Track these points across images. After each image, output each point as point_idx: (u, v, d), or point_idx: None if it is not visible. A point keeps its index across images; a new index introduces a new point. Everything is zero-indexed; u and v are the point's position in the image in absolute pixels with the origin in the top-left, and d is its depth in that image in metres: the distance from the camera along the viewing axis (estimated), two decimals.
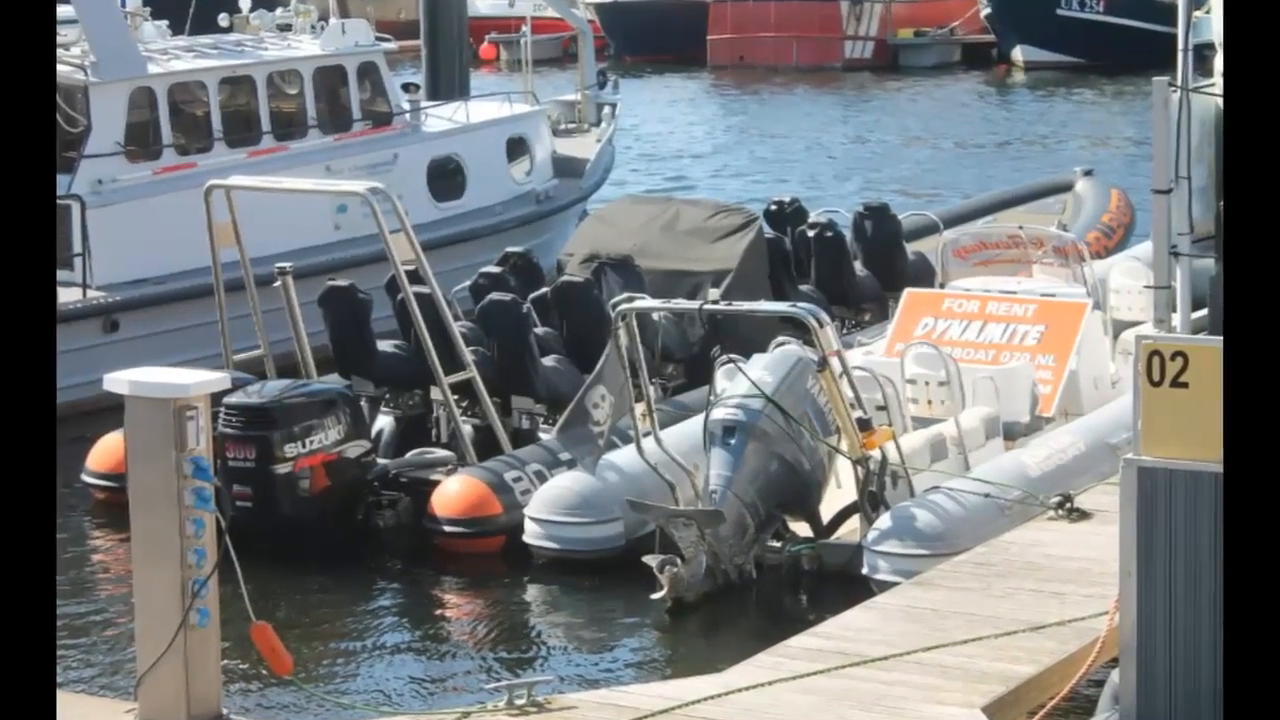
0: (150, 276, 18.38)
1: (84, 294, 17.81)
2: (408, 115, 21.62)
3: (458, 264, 18.37)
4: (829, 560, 12.69)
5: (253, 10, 21.69)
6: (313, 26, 21.52)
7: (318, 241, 19.30)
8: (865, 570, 12.23)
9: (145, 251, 18.43)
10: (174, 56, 19.72)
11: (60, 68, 18.51)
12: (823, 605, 11.94)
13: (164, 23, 20.98)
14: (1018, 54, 50.63)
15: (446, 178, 21.77)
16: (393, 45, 22.34)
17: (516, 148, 23.01)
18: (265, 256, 15.37)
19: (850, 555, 12.49)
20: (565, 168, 23.85)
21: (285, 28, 21.53)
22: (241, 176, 14.38)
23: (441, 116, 22.60)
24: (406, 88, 22.45)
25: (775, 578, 12.71)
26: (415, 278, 14.04)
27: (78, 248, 17.86)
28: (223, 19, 21.72)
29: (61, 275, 17.54)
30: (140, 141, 18.92)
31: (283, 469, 13.10)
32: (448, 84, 29.04)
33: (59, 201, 17.45)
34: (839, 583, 12.35)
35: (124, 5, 20.33)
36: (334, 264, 18.14)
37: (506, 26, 43.84)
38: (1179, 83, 11.05)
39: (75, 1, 18.78)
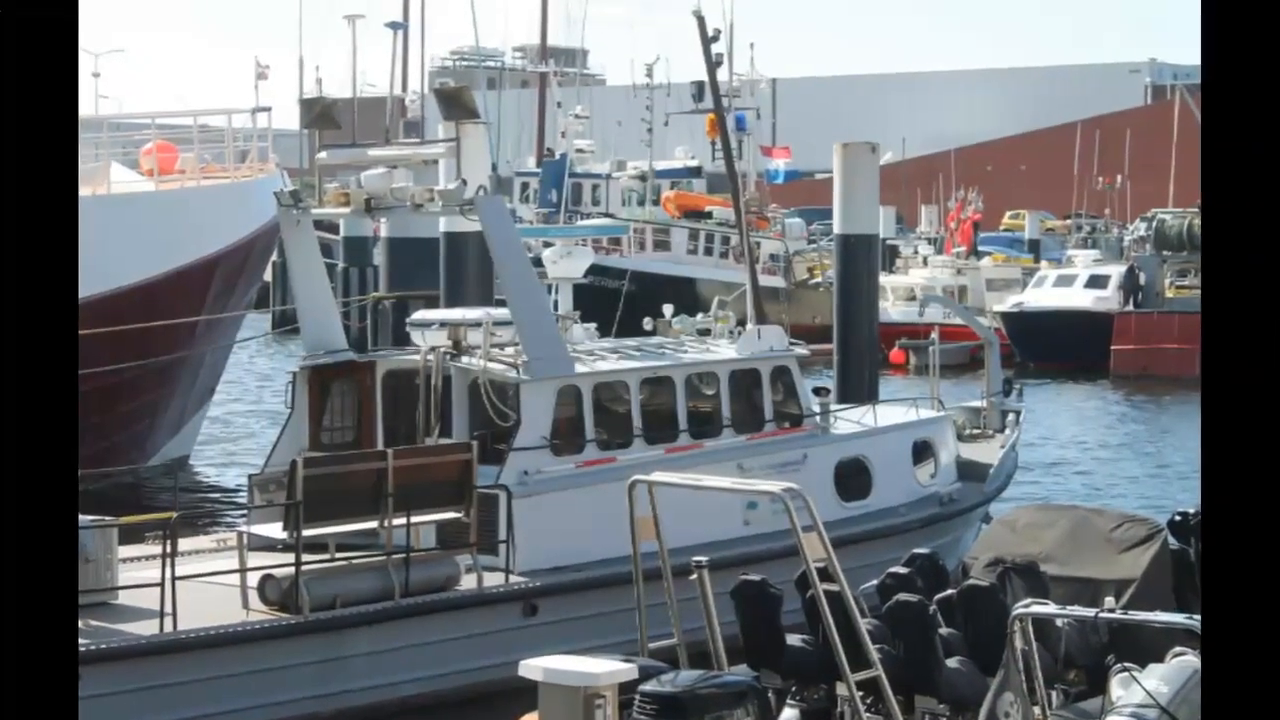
0: (569, 564, 18.92)
1: (506, 579, 18.39)
2: (817, 417, 21.99)
3: (862, 562, 18.49)
4: None
5: (675, 316, 22.46)
6: (730, 332, 22.15)
7: (728, 535, 19.65)
8: None
9: (566, 540, 19.00)
10: (599, 357, 20.47)
11: (494, 366, 19.39)
12: None
13: (592, 325, 21.80)
14: None
15: (853, 478, 22.00)
16: (805, 350, 22.81)
17: (922, 451, 23.18)
18: (679, 549, 15.72)
19: None
20: (969, 472, 23.91)
21: (705, 332, 22.20)
22: (663, 473, 14.79)
23: (850, 419, 22.92)
24: (817, 391, 22.85)
25: None
26: (824, 575, 14.22)
27: (503, 535, 18.49)
28: (647, 323, 22.53)
29: (486, 560, 18.22)
30: (565, 436, 19.59)
31: None
32: (857, 388, 29.50)
33: (486, 491, 18.18)
34: None
35: (556, 309, 21.27)
36: (745, 558, 18.43)
37: (915, 333, 44.36)
38: None
39: (512, 307, 19.69)
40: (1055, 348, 54.50)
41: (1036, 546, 16.57)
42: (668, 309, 22.90)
